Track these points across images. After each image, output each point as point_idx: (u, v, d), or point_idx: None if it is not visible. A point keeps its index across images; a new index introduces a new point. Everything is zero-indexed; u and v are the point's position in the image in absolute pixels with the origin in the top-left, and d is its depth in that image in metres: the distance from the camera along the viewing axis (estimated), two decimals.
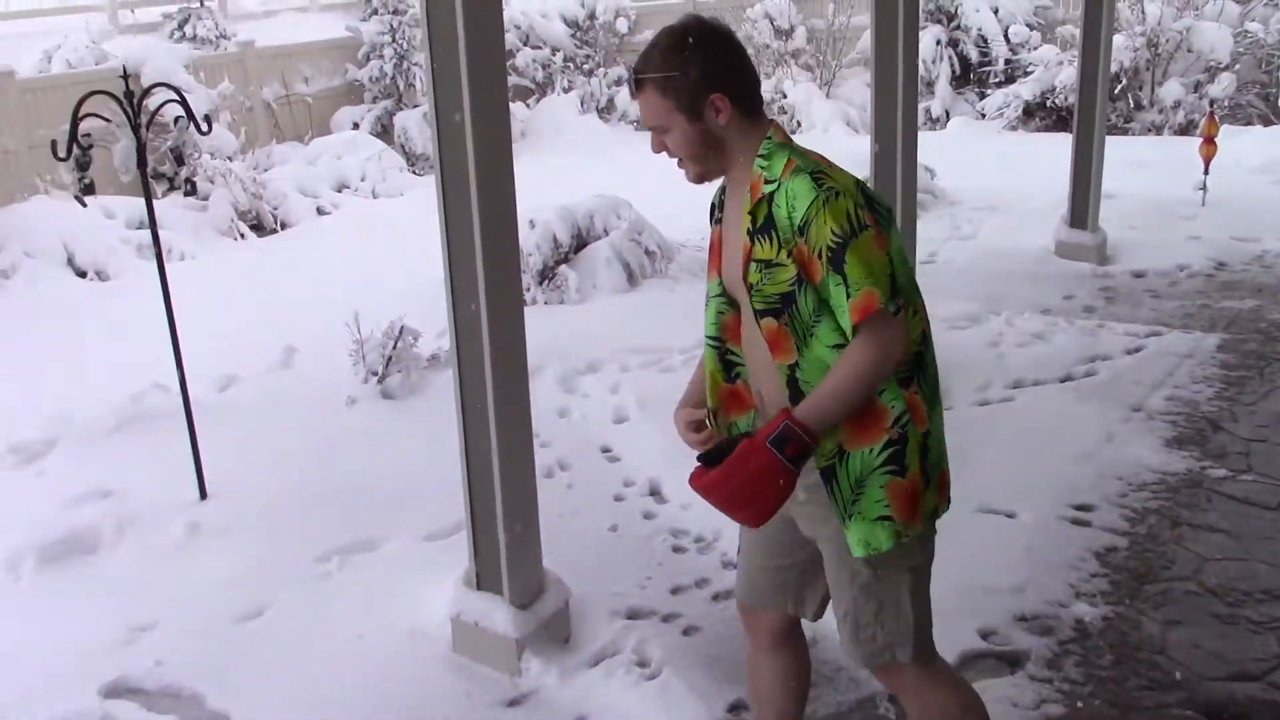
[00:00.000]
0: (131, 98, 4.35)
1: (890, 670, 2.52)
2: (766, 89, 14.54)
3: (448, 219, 3.36)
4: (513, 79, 15.49)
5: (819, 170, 2.26)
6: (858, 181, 2.31)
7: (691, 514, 4.41)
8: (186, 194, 10.64)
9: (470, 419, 3.54)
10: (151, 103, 4.81)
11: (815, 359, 2.30)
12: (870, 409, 2.31)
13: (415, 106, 13.67)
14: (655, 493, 4.68)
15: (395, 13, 13.86)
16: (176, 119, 10.00)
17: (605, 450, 5.09)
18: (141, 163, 4.38)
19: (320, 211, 11.28)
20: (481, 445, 3.52)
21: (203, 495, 4.56)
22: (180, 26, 16.69)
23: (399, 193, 12.03)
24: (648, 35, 15.45)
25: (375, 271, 8.33)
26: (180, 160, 9.86)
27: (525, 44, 15.55)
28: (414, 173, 12.80)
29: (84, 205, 9.11)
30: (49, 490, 4.69)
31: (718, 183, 2.49)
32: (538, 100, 15.32)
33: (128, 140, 4.22)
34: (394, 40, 13.69)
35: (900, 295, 2.25)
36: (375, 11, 15.54)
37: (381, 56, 13.72)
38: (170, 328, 4.58)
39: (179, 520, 4.35)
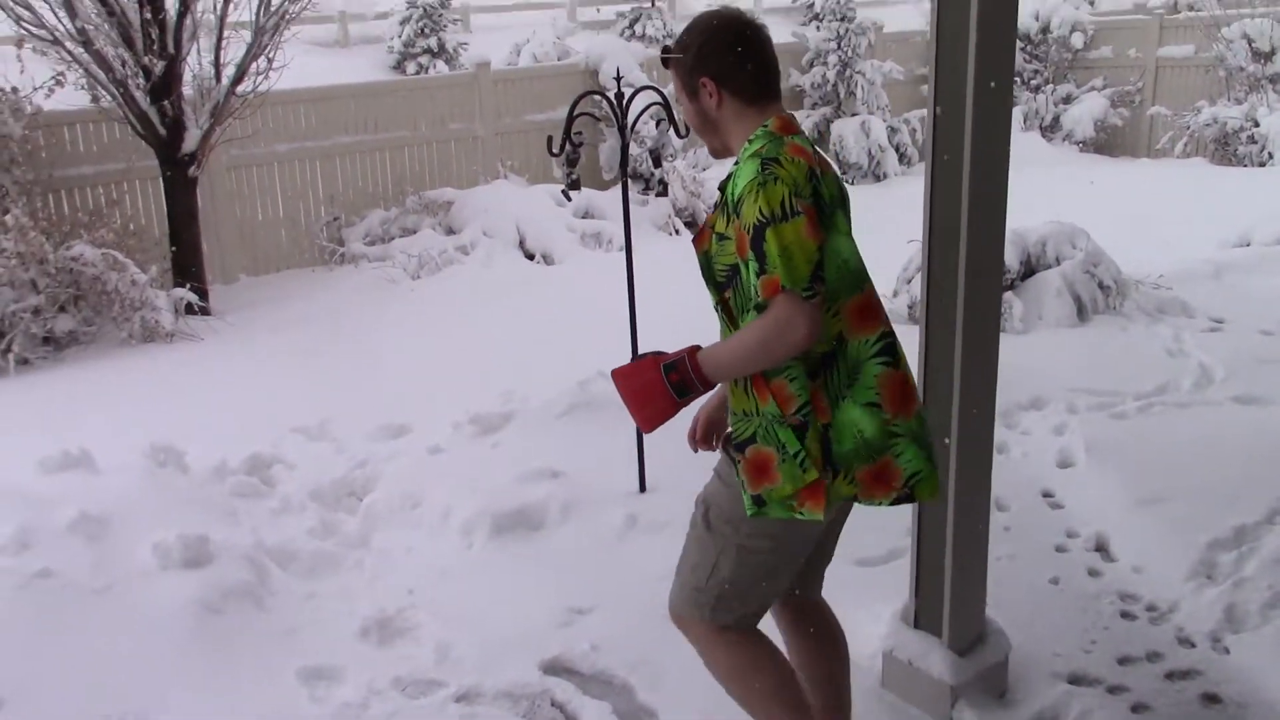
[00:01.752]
0: (621, 99, 4.51)
1: (681, 621, 2.82)
2: (1236, 115, 13.34)
3: (931, 228, 3.23)
4: None
5: (772, 158, 2.45)
6: (812, 176, 2.46)
7: (1144, 578, 4.07)
8: (659, 195, 11.08)
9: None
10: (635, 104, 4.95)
11: None
12: (781, 392, 2.52)
13: (853, 115, 13.61)
14: (1102, 549, 4.36)
15: (843, 19, 13.83)
16: (658, 122, 10.44)
17: (1047, 495, 4.81)
18: (624, 162, 4.54)
19: None
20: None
21: (642, 488, 4.69)
22: (631, 25, 17.50)
23: None
24: (1105, 51, 14.67)
25: None
26: (657, 162, 10.28)
27: None
28: (848, 181, 12.75)
29: (569, 199, 9.70)
30: (504, 463, 4.98)
31: None
32: None
33: (614, 140, 4.37)
34: (839, 48, 13.67)
35: (819, 285, 2.41)
36: (818, 17, 15.61)
37: (825, 63, 13.75)
38: (631, 320, 4.73)
39: (619, 510, 4.50)
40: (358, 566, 4.50)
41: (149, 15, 8.32)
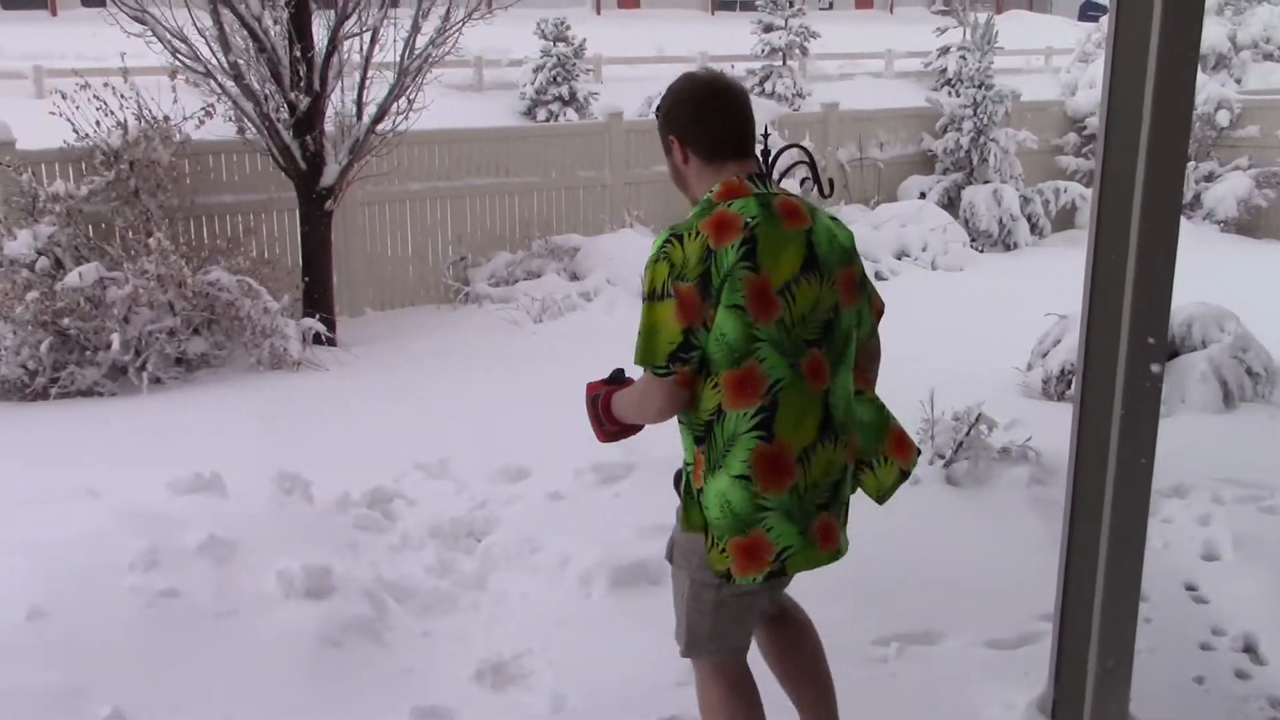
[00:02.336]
0: (767, 155, 4.45)
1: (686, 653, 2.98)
2: None
3: (1092, 307, 3.10)
4: (1090, 163, 14.79)
5: (679, 234, 2.65)
6: (707, 259, 2.60)
7: None
8: None
9: (1078, 530, 3.26)
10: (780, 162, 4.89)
11: None
12: (682, 442, 2.80)
13: (985, 182, 13.40)
14: (1251, 649, 4.12)
15: (980, 86, 13.67)
16: (803, 180, 10.36)
17: (1190, 588, 4.58)
18: None
19: (878, 276, 11.31)
20: (1085, 561, 3.24)
21: None
22: (761, 82, 17.55)
23: (959, 267, 11.83)
24: (1251, 130, 14.25)
25: (937, 346, 8.17)
26: None
27: None
28: (976, 248, 12.55)
29: None
30: (625, 514, 4.91)
31: None
32: None
33: None
34: (975, 114, 13.51)
35: (677, 365, 2.63)
36: (949, 82, 15.47)
37: (959, 129, 13.59)
38: None
39: None
40: (474, 608, 4.46)
41: (298, 53, 8.54)
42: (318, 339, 8.69)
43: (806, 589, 4.33)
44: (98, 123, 8.51)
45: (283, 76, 8.58)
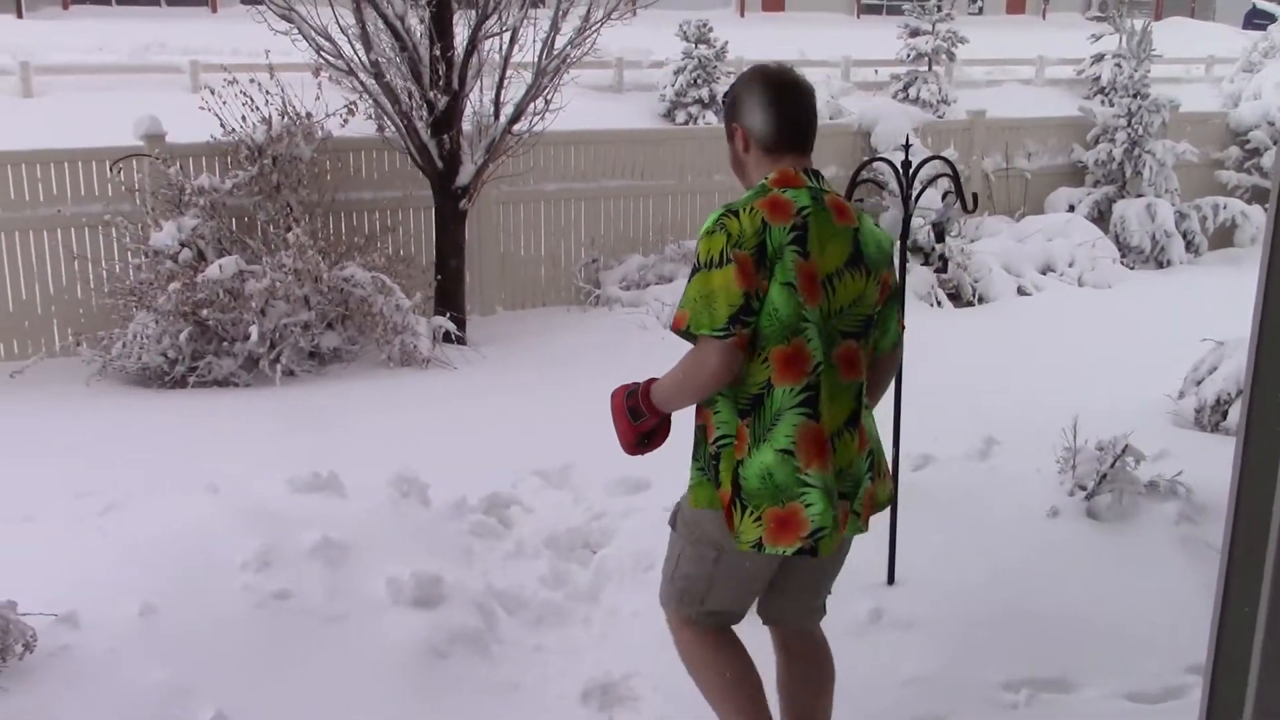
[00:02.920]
0: (907, 167, 4.25)
1: (663, 607, 3.11)
2: None
3: (1262, 332, 2.83)
4: (1253, 179, 14.09)
5: (733, 209, 2.76)
6: (762, 232, 2.70)
7: None
8: (938, 271, 10.63)
9: (1236, 577, 2.98)
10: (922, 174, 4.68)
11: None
12: (709, 420, 2.85)
13: (1138, 196, 12.85)
14: None
15: (1136, 96, 13.11)
16: (945, 194, 10.04)
17: None
18: (904, 234, 4.28)
19: (1021, 291, 10.93)
20: (1243, 612, 2.96)
21: (890, 579, 4.37)
22: (905, 88, 17.14)
23: (1107, 284, 11.35)
24: None
25: (1081, 368, 7.82)
26: (940, 236, 9.80)
27: (1277, 143, 14.07)
28: (1126, 265, 12.02)
29: None
30: None
31: None
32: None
33: (897, 210, 4.12)
34: (1129, 125, 12.96)
35: (737, 328, 2.68)
36: (1103, 91, 14.87)
37: (1113, 140, 13.04)
38: (895, 399, 4.44)
39: (864, 601, 4.19)
40: (585, 623, 4.36)
41: (438, 52, 8.58)
42: (447, 337, 8.73)
43: (927, 617, 4.14)
44: (244, 118, 8.68)
45: (423, 75, 8.63)
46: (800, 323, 2.74)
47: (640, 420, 2.91)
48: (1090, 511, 4.96)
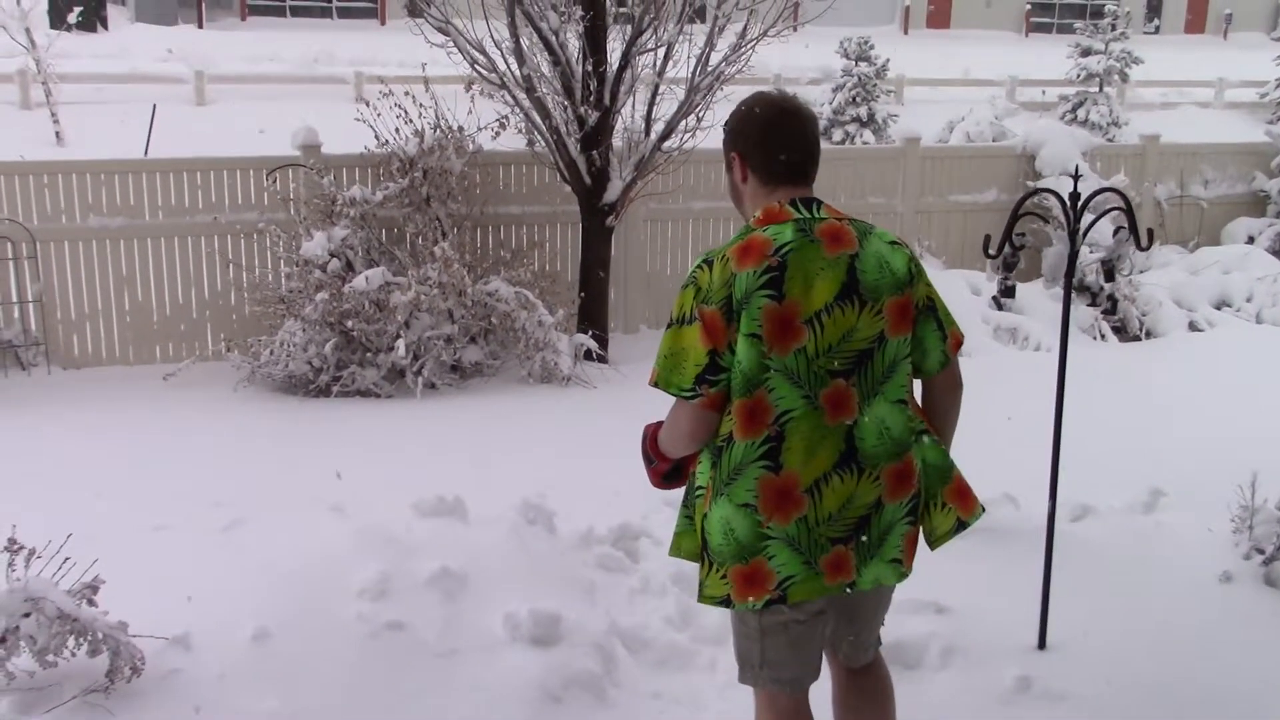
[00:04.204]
0: (1076, 199, 3.93)
1: None
2: None
3: None
4: None
5: (709, 260, 2.72)
6: (730, 284, 2.63)
7: None
8: (1105, 312, 10.10)
9: None
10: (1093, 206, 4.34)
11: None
12: (696, 469, 2.83)
13: None
14: None
15: None
16: (1117, 230, 9.53)
17: None
18: (1069, 271, 3.96)
19: (1193, 327, 10.30)
20: None
21: (1041, 644, 4.04)
22: (1074, 109, 16.51)
23: None
24: None
25: (1258, 415, 7.27)
26: (1110, 275, 9.28)
27: None
28: None
29: (999, 308, 9.10)
30: None
31: None
32: None
33: (1062, 246, 3.81)
34: None
35: (703, 387, 2.65)
36: None
37: None
38: (1055, 443, 4.12)
39: (1011, 667, 3.87)
40: (710, 667, 4.14)
41: (590, 67, 8.50)
42: (589, 355, 8.62)
43: (1081, 689, 3.80)
44: (397, 130, 8.74)
45: (574, 91, 8.56)
46: (762, 374, 2.65)
47: (653, 465, 2.94)
48: (1269, 578, 4.55)
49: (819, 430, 2.68)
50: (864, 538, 2.75)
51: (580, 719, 3.61)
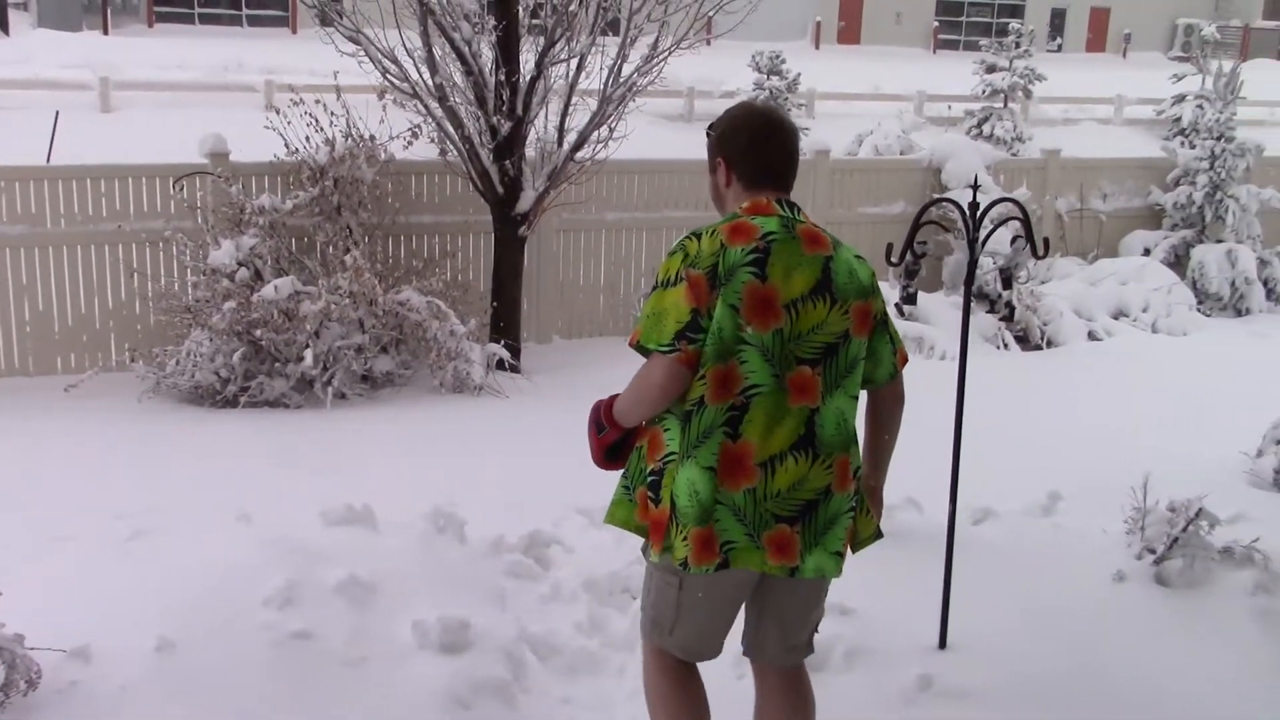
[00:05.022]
0: (976, 209, 4.05)
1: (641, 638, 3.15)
2: None
3: None
4: None
5: (696, 233, 2.88)
6: (718, 254, 2.80)
7: None
8: (1002, 319, 10.29)
9: None
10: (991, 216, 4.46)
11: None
12: (655, 437, 2.90)
13: (1219, 241, 12.45)
14: None
15: (1220, 138, 12.72)
16: (1015, 239, 9.76)
17: None
18: (969, 279, 4.07)
19: (1092, 336, 10.60)
20: None
21: (942, 644, 4.14)
22: (979, 124, 16.85)
23: (1182, 331, 10.97)
24: None
25: (1152, 420, 7.51)
26: (1007, 283, 9.54)
27: None
28: (1203, 313, 11.62)
29: (902, 315, 9.26)
30: None
31: None
32: None
33: (962, 255, 3.92)
34: (1212, 168, 12.57)
35: (682, 343, 2.76)
36: (1183, 132, 14.50)
37: (1193, 183, 12.66)
38: (955, 448, 4.22)
39: (913, 667, 3.95)
40: (619, 674, 4.17)
41: (503, 77, 8.51)
42: (501, 365, 8.61)
43: (981, 687, 3.90)
44: (307, 138, 8.66)
45: (487, 100, 8.56)
46: (737, 344, 2.80)
47: (603, 433, 2.99)
48: (1159, 577, 4.69)
49: (781, 409, 2.82)
50: (810, 521, 2.88)
51: None
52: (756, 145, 2.96)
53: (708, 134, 3.08)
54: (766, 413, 2.81)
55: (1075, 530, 5.15)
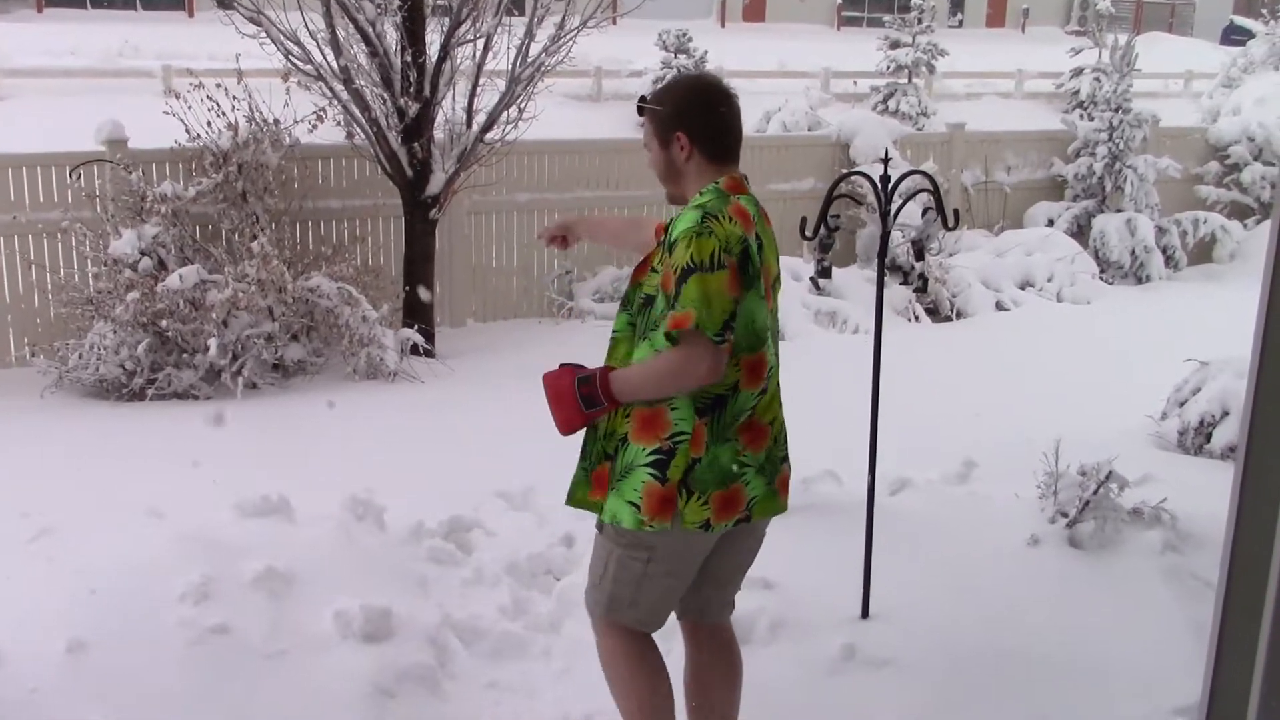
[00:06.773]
0: (886, 182, 4.08)
1: (589, 612, 3.14)
2: None
3: (1265, 348, 2.66)
4: (1232, 194, 14.02)
5: (713, 214, 2.79)
6: (744, 240, 2.79)
7: None
8: (916, 290, 10.43)
9: (1234, 618, 2.81)
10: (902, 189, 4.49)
11: (642, 357, 2.90)
12: (656, 416, 2.85)
13: (1118, 211, 12.75)
14: None
15: (1118, 110, 13.01)
16: (925, 210, 9.87)
17: None
18: (882, 251, 4.10)
19: (999, 306, 10.80)
20: (1240, 653, 2.79)
21: (865, 613, 4.19)
22: (885, 100, 17.04)
23: (1086, 300, 11.24)
24: None
25: (1060, 387, 7.66)
26: (920, 255, 9.75)
27: (1256, 159, 14.02)
28: (1105, 280, 11.92)
29: (818, 289, 9.32)
30: None
31: None
32: (1257, 223, 13.71)
33: (874, 227, 3.95)
34: (1110, 139, 12.86)
35: (728, 334, 2.77)
36: (1082, 105, 14.80)
37: (1093, 155, 12.94)
38: (873, 420, 4.26)
39: (836, 637, 4.00)
40: (545, 655, 4.16)
41: (409, 59, 8.39)
42: (415, 350, 8.51)
43: (902, 655, 3.95)
44: (209, 124, 8.46)
45: (394, 82, 8.43)
46: (765, 332, 2.91)
47: (594, 409, 2.93)
48: (1072, 540, 4.80)
49: (777, 382, 3.02)
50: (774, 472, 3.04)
51: (415, 712, 3.58)
52: (718, 117, 2.95)
53: (646, 108, 3.01)
54: (777, 387, 3.01)
55: (990, 497, 5.23)
